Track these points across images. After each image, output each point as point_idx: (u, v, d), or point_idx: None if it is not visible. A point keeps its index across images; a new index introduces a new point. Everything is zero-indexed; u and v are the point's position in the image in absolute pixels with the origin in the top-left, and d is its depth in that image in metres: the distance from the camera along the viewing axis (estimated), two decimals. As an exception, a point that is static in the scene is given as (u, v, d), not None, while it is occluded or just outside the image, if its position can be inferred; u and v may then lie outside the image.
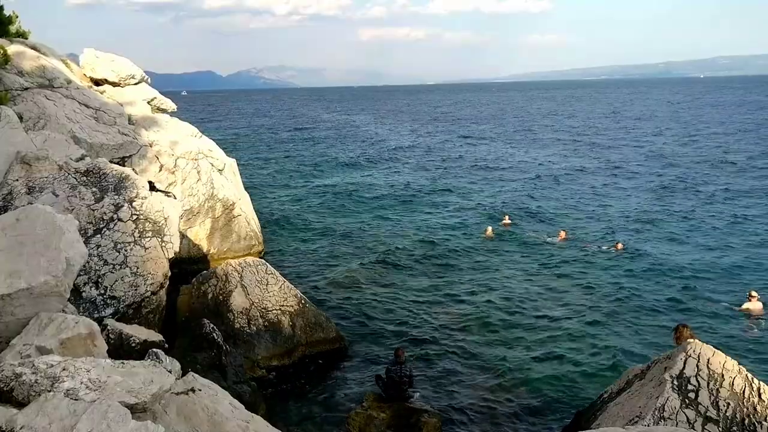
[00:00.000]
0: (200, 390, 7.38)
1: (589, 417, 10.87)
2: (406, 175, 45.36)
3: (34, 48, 21.45)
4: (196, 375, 7.85)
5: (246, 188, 25.24)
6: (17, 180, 13.24)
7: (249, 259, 16.84)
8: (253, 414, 7.79)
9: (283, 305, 15.45)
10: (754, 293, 18.34)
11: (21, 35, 24.62)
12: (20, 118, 15.39)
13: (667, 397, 9.00)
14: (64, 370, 6.02)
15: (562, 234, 26.71)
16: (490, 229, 27.85)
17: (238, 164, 25.01)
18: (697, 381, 9.20)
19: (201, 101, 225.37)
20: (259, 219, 24.92)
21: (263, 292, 15.44)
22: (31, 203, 12.09)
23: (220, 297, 15.29)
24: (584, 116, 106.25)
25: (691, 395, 9.06)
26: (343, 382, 14.53)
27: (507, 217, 29.56)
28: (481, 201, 35.56)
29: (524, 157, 54.62)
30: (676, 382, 9.21)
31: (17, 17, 25.59)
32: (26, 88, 18.32)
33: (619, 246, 24.23)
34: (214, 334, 13.03)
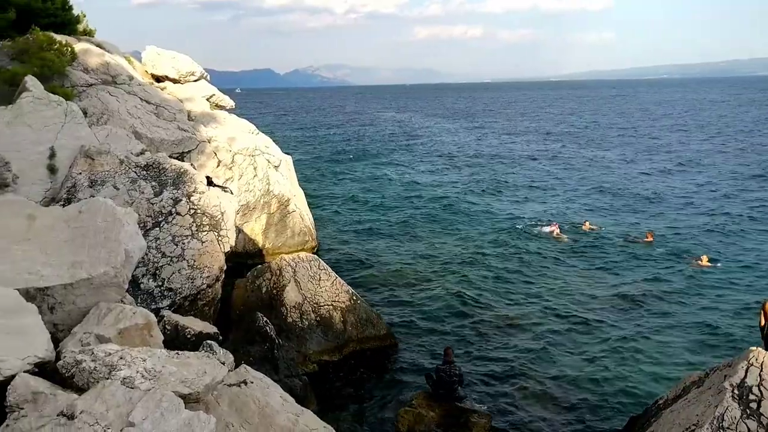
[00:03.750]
0: (252, 382, 7.49)
1: (643, 423, 10.62)
2: (463, 174, 44.93)
3: (99, 46, 22.10)
4: (249, 367, 7.97)
5: (300, 184, 25.48)
6: (80, 173, 13.66)
7: (302, 254, 16.99)
8: (304, 408, 7.86)
9: (334, 301, 15.54)
10: None
11: (87, 33, 25.43)
12: (84, 113, 15.87)
13: (727, 407, 8.71)
14: (121, 359, 6.18)
15: (649, 236, 25.63)
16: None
17: (293, 161, 25.29)
18: (760, 391, 8.87)
19: (255, 99, 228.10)
20: (312, 215, 25.13)
21: (316, 288, 15.56)
22: (93, 196, 12.47)
23: (274, 291, 15.47)
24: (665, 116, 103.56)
25: (753, 405, 8.74)
26: (392, 380, 14.52)
27: (587, 222, 28.16)
28: (545, 203, 34.65)
29: (593, 156, 53.31)
30: (736, 392, 8.90)
31: (84, 16, 26.45)
32: (91, 85, 18.89)
33: (704, 259, 22.64)
34: (267, 328, 13.18)
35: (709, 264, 22.36)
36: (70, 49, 19.06)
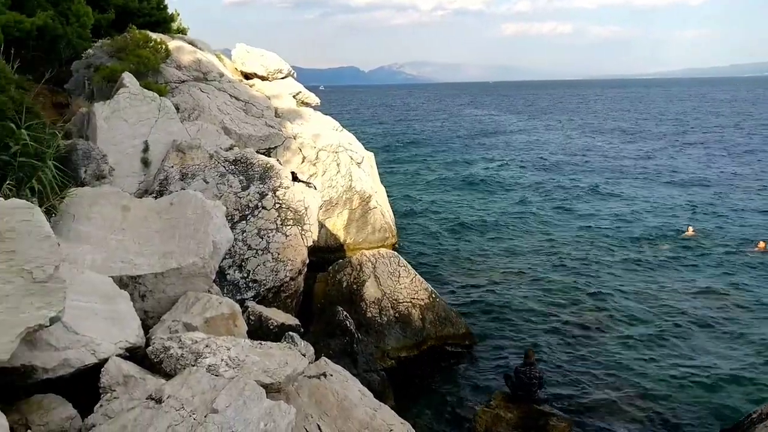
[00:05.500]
0: (332, 375, 7.59)
1: (735, 436, 10.16)
2: (548, 172, 44.00)
3: (191, 43, 22.85)
4: (329, 360, 8.08)
5: (382, 181, 25.61)
6: (172, 167, 14.17)
7: (382, 250, 17.09)
8: (381, 403, 7.90)
9: (413, 298, 15.56)
10: None
11: (181, 31, 26.37)
12: (177, 108, 16.41)
13: (827, 423, 8.23)
14: (207, 347, 6.37)
15: (762, 244, 24.07)
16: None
17: (375, 157, 25.44)
18: None
19: (339, 96, 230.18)
20: (393, 212, 25.23)
21: (395, 284, 15.62)
22: (184, 189, 12.90)
23: (354, 286, 15.63)
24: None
25: None
26: (470, 379, 14.43)
27: (690, 228, 26.66)
28: (640, 206, 32.61)
29: (688, 156, 51.06)
30: (837, 407, 8.40)
31: (178, 15, 27.44)
32: (183, 81, 19.52)
33: None
34: (347, 322, 13.33)
35: None
36: (164, 46, 19.74)
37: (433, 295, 15.96)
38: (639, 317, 17.67)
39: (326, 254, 20.39)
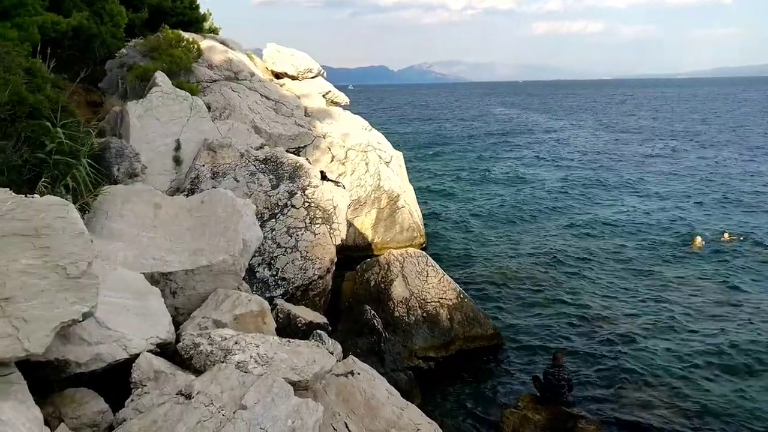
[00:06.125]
0: (359, 374, 7.61)
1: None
2: (576, 172, 43.32)
3: (223, 43, 23.06)
4: (356, 359, 8.11)
5: (410, 180, 25.57)
6: (203, 165, 14.32)
7: (410, 250, 17.08)
8: (408, 402, 7.90)
9: (441, 298, 15.52)
10: None
11: (212, 31, 26.65)
12: (208, 108, 16.58)
13: None
14: (236, 343, 6.44)
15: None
16: (699, 239, 25.00)
17: (403, 156, 25.41)
18: None
19: (367, 95, 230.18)
20: (421, 211, 25.18)
21: (423, 284, 15.59)
22: (215, 187, 13.05)
23: (382, 285, 15.63)
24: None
25: None
26: (498, 380, 14.34)
27: (726, 234, 25.84)
28: (679, 210, 31.75)
29: (722, 159, 49.63)
30: None
31: (210, 15, 27.73)
32: (215, 80, 19.72)
33: None
34: (375, 321, 13.33)
35: None
36: (196, 46, 19.95)
37: (462, 295, 15.90)
38: (672, 322, 17.33)
39: (354, 253, 20.44)
